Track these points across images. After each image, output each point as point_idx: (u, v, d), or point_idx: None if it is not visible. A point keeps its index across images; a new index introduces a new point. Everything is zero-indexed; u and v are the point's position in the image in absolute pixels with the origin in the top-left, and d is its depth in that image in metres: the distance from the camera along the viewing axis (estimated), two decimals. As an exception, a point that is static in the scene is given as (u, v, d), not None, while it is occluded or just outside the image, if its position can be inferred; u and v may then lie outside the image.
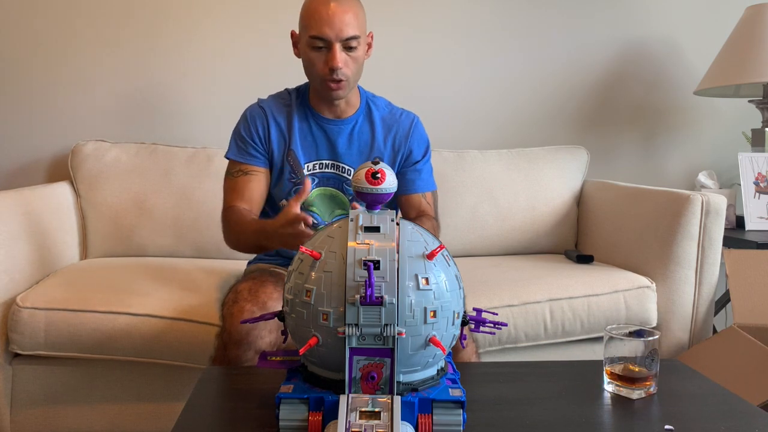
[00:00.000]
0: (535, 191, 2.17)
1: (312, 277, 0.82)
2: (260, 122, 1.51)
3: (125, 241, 2.04)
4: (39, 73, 2.23)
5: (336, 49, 1.37)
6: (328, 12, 1.36)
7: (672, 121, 2.51)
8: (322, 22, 1.36)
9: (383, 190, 0.85)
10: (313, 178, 1.52)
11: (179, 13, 2.27)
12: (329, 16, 1.36)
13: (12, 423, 1.57)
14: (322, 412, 0.81)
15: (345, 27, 1.36)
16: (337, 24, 1.36)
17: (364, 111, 1.54)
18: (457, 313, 0.85)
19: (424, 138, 1.59)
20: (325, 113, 1.52)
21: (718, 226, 1.77)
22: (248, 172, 1.50)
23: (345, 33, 1.37)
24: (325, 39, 1.37)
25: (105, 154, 2.09)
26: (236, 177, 1.50)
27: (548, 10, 2.42)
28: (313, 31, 1.37)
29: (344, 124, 1.52)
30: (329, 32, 1.36)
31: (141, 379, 1.58)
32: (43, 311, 1.52)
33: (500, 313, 1.63)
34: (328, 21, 1.36)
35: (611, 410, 0.96)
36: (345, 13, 1.37)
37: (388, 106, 1.59)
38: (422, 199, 1.56)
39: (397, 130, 1.54)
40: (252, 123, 1.52)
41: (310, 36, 1.39)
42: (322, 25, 1.36)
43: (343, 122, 1.52)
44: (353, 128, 1.52)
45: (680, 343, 1.80)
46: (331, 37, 1.37)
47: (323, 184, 1.53)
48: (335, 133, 1.52)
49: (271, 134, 1.51)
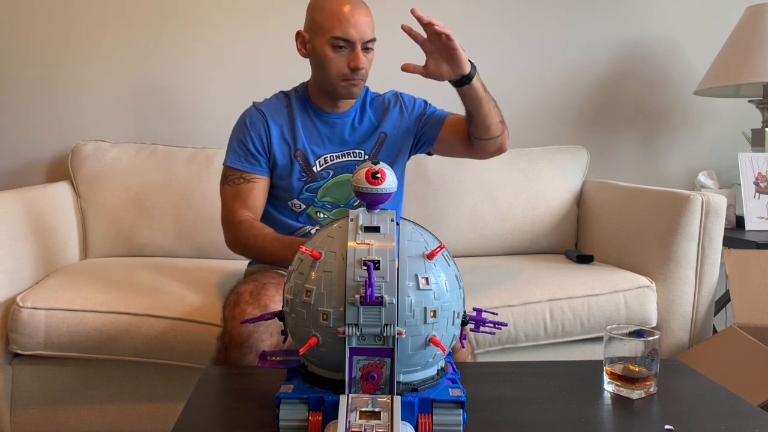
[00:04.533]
0: (535, 191, 2.17)
1: (312, 277, 0.82)
2: (260, 127, 1.51)
3: (125, 241, 2.04)
4: (39, 73, 2.23)
5: (358, 50, 1.43)
6: (353, 14, 1.42)
7: (672, 121, 2.51)
8: (347, 24, 1.41)
9: (383, 190, 0.85)
10: (327, 172, 1.53)
11: (180, 13, 2.27)
12: (355, 19, 1.41)
13: (12, 423, 1.57)
14: (322, 412, 0.81)
15: (367, 29, 1.43)
16: (362, 26, 1.42)
17: (360, 101, 1.58)
18: (457, 313, 0.85)
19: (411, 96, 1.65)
20: (327, 108, 1.54)
21: (718, 226, 1.77)
22: (250, 180, 1.50)
23: (367, 35, 1.43)
24: (350, 40, 1.42)
25: (105, 154, 2.09)
26: (238, 184, 1.50)
27: (548, 11, 2.42)
28: (338, 32, 1.41)
29: (346, 116, 1.55)
30: (354, 33, 1.41)
31: (141, 379, 1.58)
32: (43, 311, 1.52)
33: (500, 313, 1.63)
34: (354, 23, 1.41)
35: (611, 410, 0.96)
36: (366, 16, 1.44)
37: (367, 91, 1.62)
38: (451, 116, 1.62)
39: (388, 107, 1.60)
40: (252, 128, 1.51)
41: (333, 36, 1.42)
42: (348, 27, 1.41)
43: (346, 114, 1.56)
44: (354, 118, 1.56)
45: (680, 343, 1.80)
46: (355, 39, 1.42)
47: (338, 173, 1.55)
48: (340, 125, 1.55)
49: (272, 138, 1.51)
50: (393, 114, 1.59)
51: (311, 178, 1.53)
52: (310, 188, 1.54)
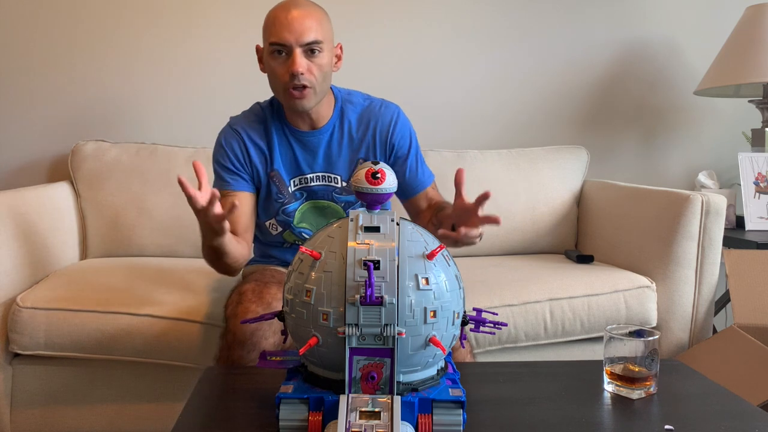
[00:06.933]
0: (535, 191, 2.17)
1: (312, 277, 0.82)
2: (237, 146, 1.45)
3: (125, 241, 2.04)
4: (39, 73, 2.23)
5: (297, 54, 1.32)
6: (288, 17, 1.32)
7: (672, 121, 2.51)
8: (281, 28, 1.32)
9: (383, 190, 0.85)
10: (301, 193, 1.48)
11: (180, 13, 2.27)
12: (289, 22, 1.31)
13: (12, 423, 1.57)
14: (322, 412, 0.81)
15: (306, 31, 1.32)
16: (297, 28, 1.31)
17: (338, 115, 1.46)
18: (457, 313, 0.85)
19: (407, 129, 1.50)
20: (300, 126, 1.45)
21: (718, 226, 1.77)
22: (230, 195, 1.43)
23: (305, 37, 1.32)
24: (285, 44, 1.32)
25: (105, 154, 2.08)
26: None
27: (548, 11, 2.42)
28: (273, 37, 1.33)
29: (321, 134, 1.46)
30: (289, 36, 1.31)
31: (141, 379, 1.58)
32: (43, 311, 1.52)
33: (500, 313, 1.63)
34: (288, 26, 1.31)
35: (611, 410, 0.96)
36: (305, 18, 1.33)
37: (367, 99, 1.51)
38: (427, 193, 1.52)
39: (377, 122, 1.47)
40: (228, 149, 1.45)
41: (270, 43, 1.34)
42: (282, 30, 1.32)
43: (320, 132, 1.46)
44: (331, 136, 1.46)
45: (680, 343, 1.80)
46: (291, 42, 1.31)
47: (312, 197, 1.48)
48: (314, 144, 1.46)
49: (251, 156, 1.45)
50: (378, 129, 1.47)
51: (288, 200, 1.47)
52: (286, 210, 1.48)
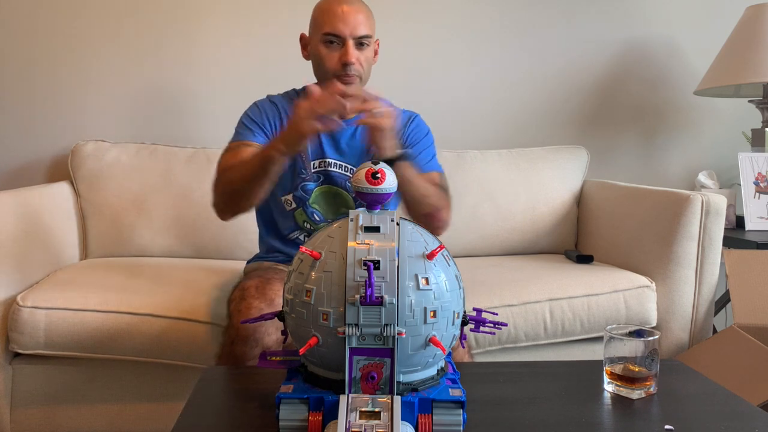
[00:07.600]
0: (535, 191, 2.17)
1: (312, 277, 0.82)
2: (271, 113, 1.51)
3: (125, 241, 2.04)
4: (39, 73, 2.23)
5: (350, 45, 1.42)
6: (343, 10, 1.42)
7: (672, 121, 2.51)
8: (336, 19, 1.41)
9: (383, 190, 0.85)
10: (318, 176, 1.52)
11: (180, 13, 2.27)
12: (344, 14, 1.41)
13: (12, 423, 1.57)
14: (322, 412, 0.81)
15: (358, 25, 1.42)
16: (352, 21, 1.41)
17: None
18: (457, 313, 0.85)
19: (422, 131, 1.57)
20: None
21: (718, 226, 1.77)
22: (249, 145, 1.45)
23: (358, 31, 1.42)
24: (340, 35, 1.41)
25: (105, 154, 2.08)
26: (237, 149, 1.44)
27: (548, 10, 2.42)
28: (327, 28, 1.42)
29: (347, 123, 1.50)
30: (344, 28, 1.41)
31: (141, 379, 1.58)
32: (43, 311, 1.52)
33: (500, 313, 1.63)
34: (343, 18, 1.41)
35: (611, 410, 0.96)
36: (358, 12, 1.43)
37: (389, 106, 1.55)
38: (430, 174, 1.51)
39: None
40: (263, 111, 1.51)
41: (323, 33, 1.43)
42: (337, 22, 1.41)
43: (347, 122, 1.49)
44: (355, 129, 1.52)
45: (680, 343, 1.80)
46: (345, 34, 1.41)
47: (328, 182, 1.52)
48: (339, 132, 1.52)
49: (283, 125, 1.49)
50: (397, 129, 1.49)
51: (308, 176, 1.51)
52: (305, 187, 1.52)
